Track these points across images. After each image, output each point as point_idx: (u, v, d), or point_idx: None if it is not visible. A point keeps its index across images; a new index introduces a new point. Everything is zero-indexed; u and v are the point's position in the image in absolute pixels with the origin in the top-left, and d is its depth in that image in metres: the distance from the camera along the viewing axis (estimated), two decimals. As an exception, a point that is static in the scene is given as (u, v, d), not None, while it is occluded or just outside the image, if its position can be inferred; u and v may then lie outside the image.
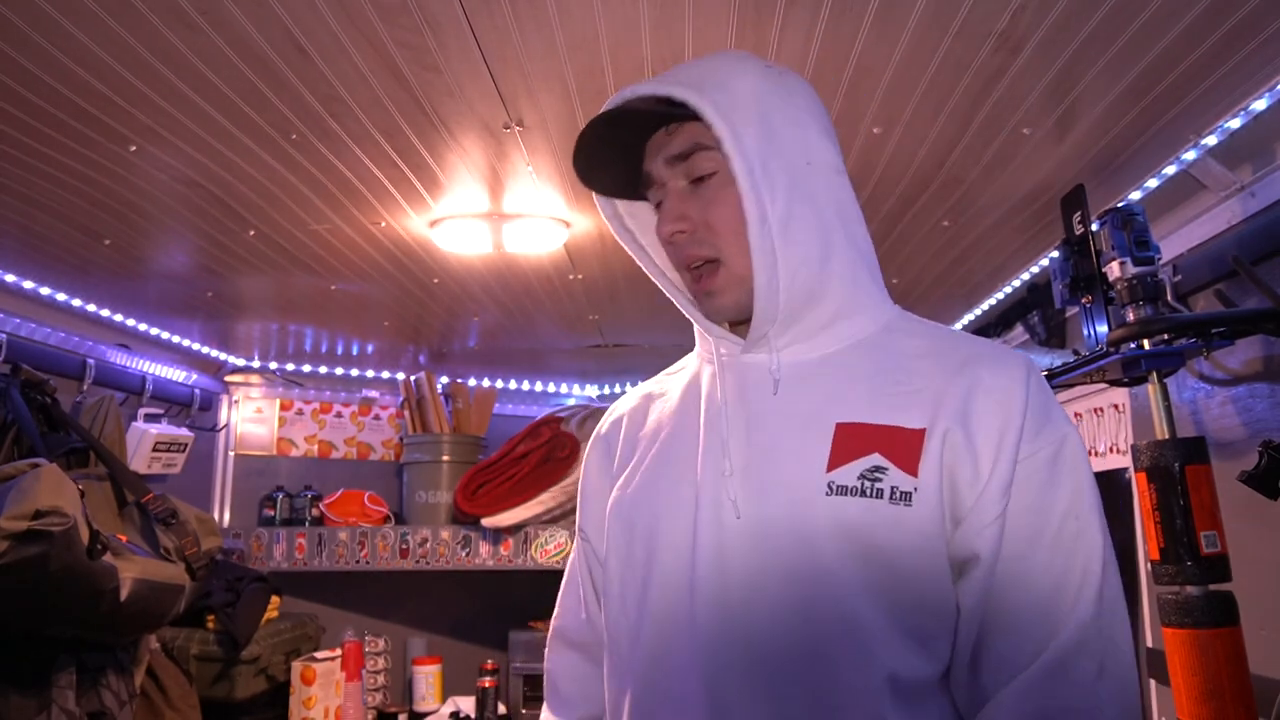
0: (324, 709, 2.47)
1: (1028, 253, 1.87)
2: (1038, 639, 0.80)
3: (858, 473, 0.82)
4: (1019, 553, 0.81)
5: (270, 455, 3.02)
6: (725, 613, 0.83)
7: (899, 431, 0.84)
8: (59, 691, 1.52)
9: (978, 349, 0.90)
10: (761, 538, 0.84)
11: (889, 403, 0.86)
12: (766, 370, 0.92)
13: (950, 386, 0.85)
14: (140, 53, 1.07)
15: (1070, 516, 0.82)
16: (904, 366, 0.88)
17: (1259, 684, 1.20)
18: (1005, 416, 0.83)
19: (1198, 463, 1.22)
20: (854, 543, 0.81)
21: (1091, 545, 0.82)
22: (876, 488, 0.81)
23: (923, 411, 0.85)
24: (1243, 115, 1.23)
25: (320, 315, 2.39)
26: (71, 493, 1.42)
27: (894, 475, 0.82)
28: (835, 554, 0.81)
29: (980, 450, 0.82)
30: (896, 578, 0.81)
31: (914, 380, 0.87)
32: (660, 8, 1.01)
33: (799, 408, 0.88)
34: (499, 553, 2.69)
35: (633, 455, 1.00)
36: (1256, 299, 1.30)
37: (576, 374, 3.40)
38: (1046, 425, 0.84)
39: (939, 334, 0.94)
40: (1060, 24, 1.03)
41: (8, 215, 1.56)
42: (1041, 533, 0.82)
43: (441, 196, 1.57)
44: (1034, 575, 0.81)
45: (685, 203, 0.92)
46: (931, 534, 0.82)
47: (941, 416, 0.84)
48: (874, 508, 0.81)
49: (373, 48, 1.08)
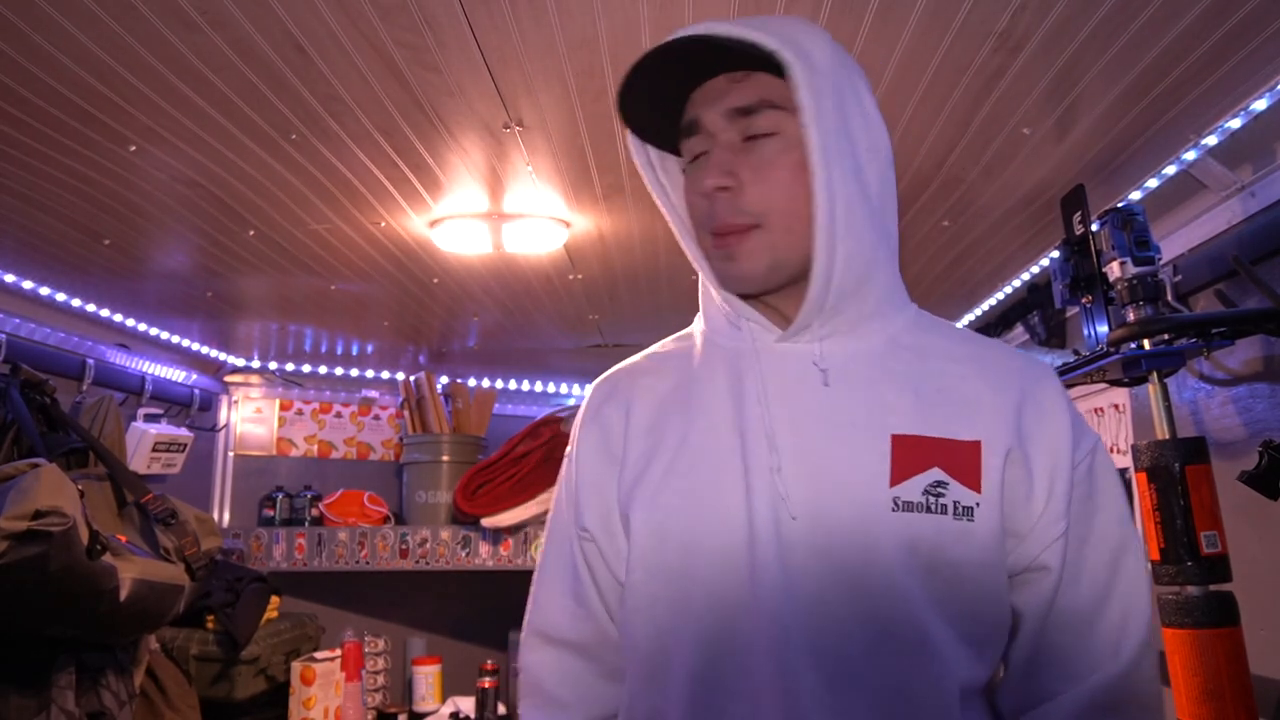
0: (324, 709, 2.46)
1: (1028, 253, 1.87)
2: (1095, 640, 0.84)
3: (921, 488, 0.81)
4: (1072, 558, 0.85)
5: (270, 455, 3.02)
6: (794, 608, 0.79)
7: (956, 445, 0.83)
8: (59, 691, 1.52)
9: (1013, 360, 0.91)
10: (824, 540, 0.80)
11: (940, 413, 0.85)
12: (808, 362, 0.87)
13: (997, 399, 0.86)
14: (140, 53, 1.07)
15: (1113, 522, 0.86)
16: (945, 371, 0.87)
17: (1259, 684, 1.20)
18: (1057, 433, 0.85)
19: (1198, 463, 1.22)
20: (922, 557, 0.80)
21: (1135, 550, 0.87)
22: (940, 503, 0.81)
23: (974, 423, 0.84)
24: (1243, 115, 1.23)
25: (320, 315, 2.39)
26: (71, 493, 1.42)
27: (956, 490, 0.82)
28: (904, 568, 0.80)
29: (1037, 467, 0.84)
30: (961, 591, 0.81)
31: (959, 388, 0.86)
32: (660, 8, 1.01)
33: (848, 409, 0.85)
34: (499, 553, 2.69)
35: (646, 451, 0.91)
36: (1256, 299, 1.30)
37: (576, 374, 3.40)
38: (1084, 435, 0.87)
39: (967, 339, 0.94)
40: (1060, 24, 1.03)
41: (8, 215, 1.56)
42: (1088, 537, 0.85)
43: (441, 196, 1.57)
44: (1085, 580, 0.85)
45: (736, 158, 0.85)
46: (993, 547, 0.82)
47: (998, 431, 0.84)
48: (940, 523, 0.81)
49: (372, 47, 1.08)
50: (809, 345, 0.88)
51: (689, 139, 0.88)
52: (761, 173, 0.84)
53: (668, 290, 2.17)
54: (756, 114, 0.84)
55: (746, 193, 0.84)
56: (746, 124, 0.85)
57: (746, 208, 0.84)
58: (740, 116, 0.85)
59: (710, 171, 0.85)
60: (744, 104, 0.84)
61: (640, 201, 1.60)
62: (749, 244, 0.85)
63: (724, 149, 0.85)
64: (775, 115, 0.84)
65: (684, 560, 0.85)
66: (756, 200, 0.84)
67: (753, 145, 0.85)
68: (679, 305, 2.31)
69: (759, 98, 0.84)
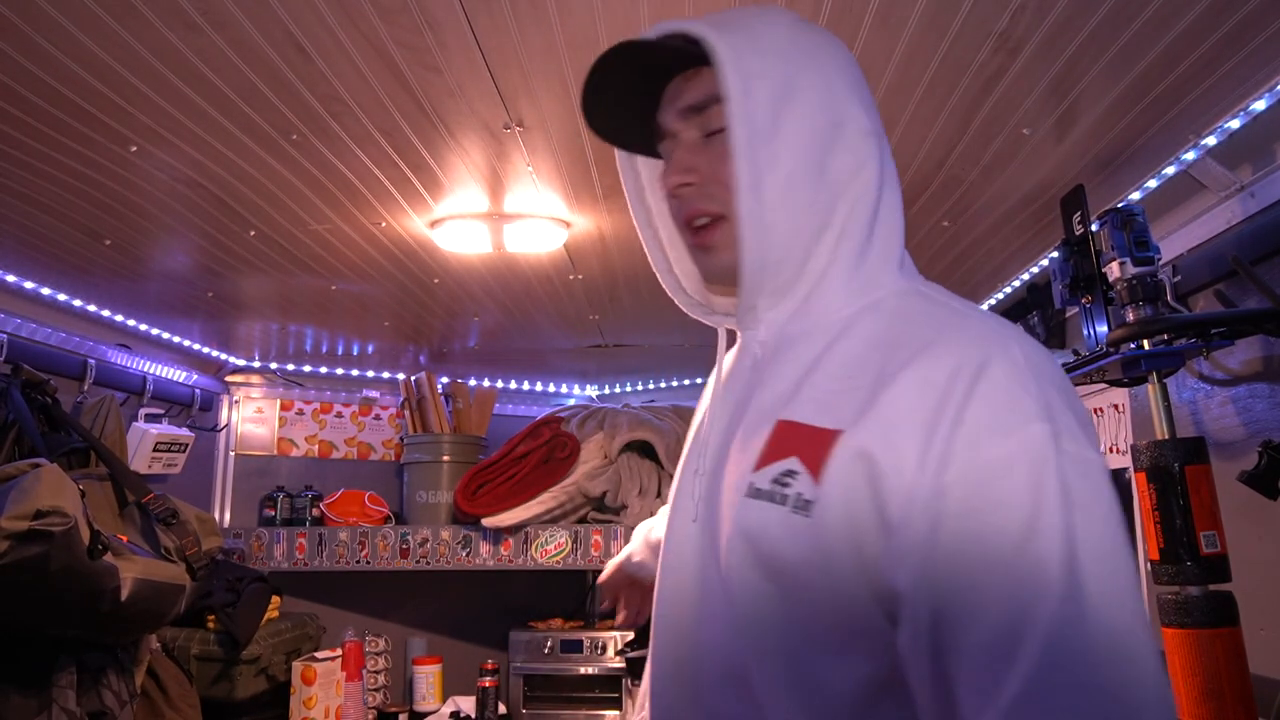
0: (324, 709, 2.47)
1: (1028, 253, 1.87)
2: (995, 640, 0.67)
3: (773, 475, 0.75)
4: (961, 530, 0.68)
5: (270, 455, 3.03)
6: (675, 604, 0.84)
7: (817, 432, 0.74)
8: (59, 691, 1.52)
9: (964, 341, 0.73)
10: (704, 537, 0.82)
11: (828, 400, 0.76)
12: (751, 346, 0.88)
13: (892, 379, 0.73)
14: (141, 53, 1.07)
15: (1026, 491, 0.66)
16: (862, 355, 0.77)
17: (1259, 684, 1.20)
18: (932, 411, 0.69)
19: (1197, 463, 1.22)
20: (758, 548, 0.75)
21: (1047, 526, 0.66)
22: (783, 493, 0.74)
23: (847, 410, 0.73)
24: (1243, 115, 1.24)
25: (320, 315, 2.39)
26: (72, 493, 1.42)
27: (802, 481, 0.73)
28: (744, 558, 0.76)
29: (904, 455, 0.69)
30: (801, 585, 0.73)
31: (863, 372, 0.76)
32: (660, 8, 1.01)
33: (758, 397, 0.83)
34: (499, 553, 2.69)
35: None
36: (1256, 299, 1.30)
37: (576, 374, 3.40)
38: (997, 436, 0.67)
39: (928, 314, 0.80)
40: (1060, 24, 1.03)
41: (8, 215, 1.56)
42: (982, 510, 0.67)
43: (442, 197, 1.57)
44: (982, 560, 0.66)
45: (696, 155, 0.86)
46: (831, 544, 0.71)
47: (866, 418, 0.72)
48: (779, 515, 0.74)
49: (373, 48, 1.08)
50: (752, 330, 0.88)
51: (661, 143, 0.90)
52: (720, 165, 0.83)
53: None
54: (708, 109, 0.84)
55: (708, 187, 0.85)
56: (703, 120, 0.85)
57: (711, 199, 0.85)
58: (694, 115, 0.85)
59: (671, 171, 0.87)
60: (693, 102, 0.85)
61: (640, 201, 1.60)
62: (718, 235, 0.85)
63: (684, 147, 0.87)
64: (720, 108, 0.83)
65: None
66: (717, 191, 0.84)
67: (712, 140, 0.85)
68: (679, 305, 2.31)
69: (706, 93, 0.84)
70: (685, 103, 0.86)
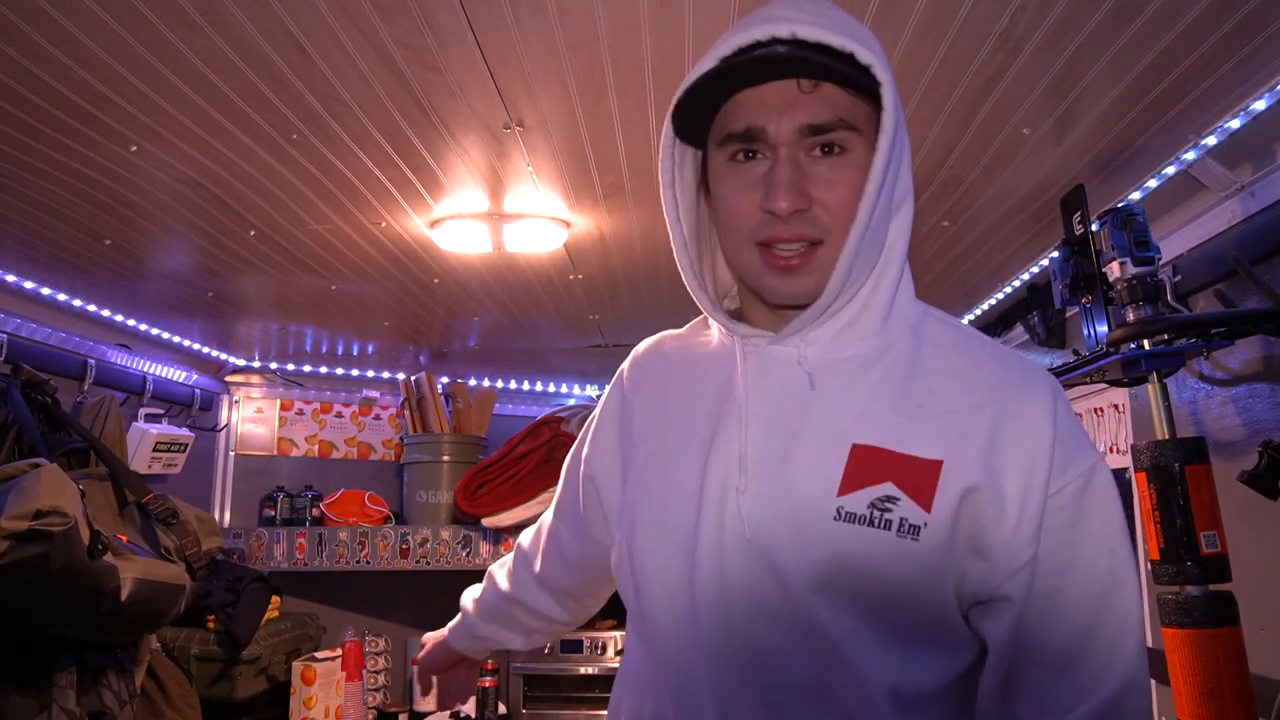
0: (324, 709, 2.47)
1: (1028, 253, 1.87)
2: (1079, 674, 0.79)
3: (868, 500, 0.79)
4: (1052, 587, 0.80)
5: (270, 455, 3.03)
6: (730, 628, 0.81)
7: (915, 461, 0.80)
8: (59, 691, 1.52)
9: (1003, 371, 0.85)
10: (767, 556, 0.81)
11: (909, 427, 0.82)
12: (793, 365, 0.86)
13: (974, 416, 0.81)
14: (140, 53, 1.07)
15: (1103, 551, 0.81)
16: (928, 385, 0.84)
17: (1259, 684, 1.20)
18: (1033, 455, 0.80)
19: (1198, 463, 1.22)
20: (852, 571, 0.79)
21: (1127, 582, 0.81)
22: (885, 518, 0.78)
23: (941, 441, 0.80)
24: (1243, 115, 1.23)
25: (320, 315, 2.39)
26: (72, 493, 1.42)
27: (906, 506, 0.78)
28: (830, 579, 0.79)
29: (1008, 490, 0.79)
30: (893, 605, 0.80)
31: (939, 401, 0.83)
32: (660, 8, 1.01)
33: (819, 416, 0.84)
34: (499, 553, 2.69)
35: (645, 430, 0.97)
36: (1256, 299, 1.30)
37: (576, 374, 3.40)
38: (1074, 459, 0.81)
39: (965, 345, 0.88)
40: (1060, 24, 1.03)
41: (8, 215, 1.56)
42: (1073, 568, 0.80)
43: (442, 197, 1.57)
44: (1068, 610, 0.80)
45: (803, 177, 0.81)
46: (936, 567, 0.79)
47: (965, 451, 0.80)
48: (879, 539, 0.78)
49: (373, 48, 1.08)
50: (796, 349, 0.87)
51: (740, 142, 0.84)
52: (830, 190, 0.82)
53: (668, 290, 2.17)
54: (830, 132, 0.81)
55: (814, 212, 0.82)
56: (814, 140, 0.82)
57: (815, 225, 0.82)
58: (811, 135, 0.81)
59: (783, 193, 0.80)
60: (820, 122, 0.81)
61: (640, 201, 1.60)
62: (814, 260, 0.83)
63: (793, 166, 0.82)
64: (843, 134, 0.81)
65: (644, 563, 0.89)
66: (824, 218, 0.82)
67: (819, 160, 0.82)
68: (679, 305, 2.30)
69: (835, 116, 0.81)
70: (808, 120, 0.81)
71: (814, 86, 0.81)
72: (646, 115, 1.26)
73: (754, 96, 0.82)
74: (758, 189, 0.83)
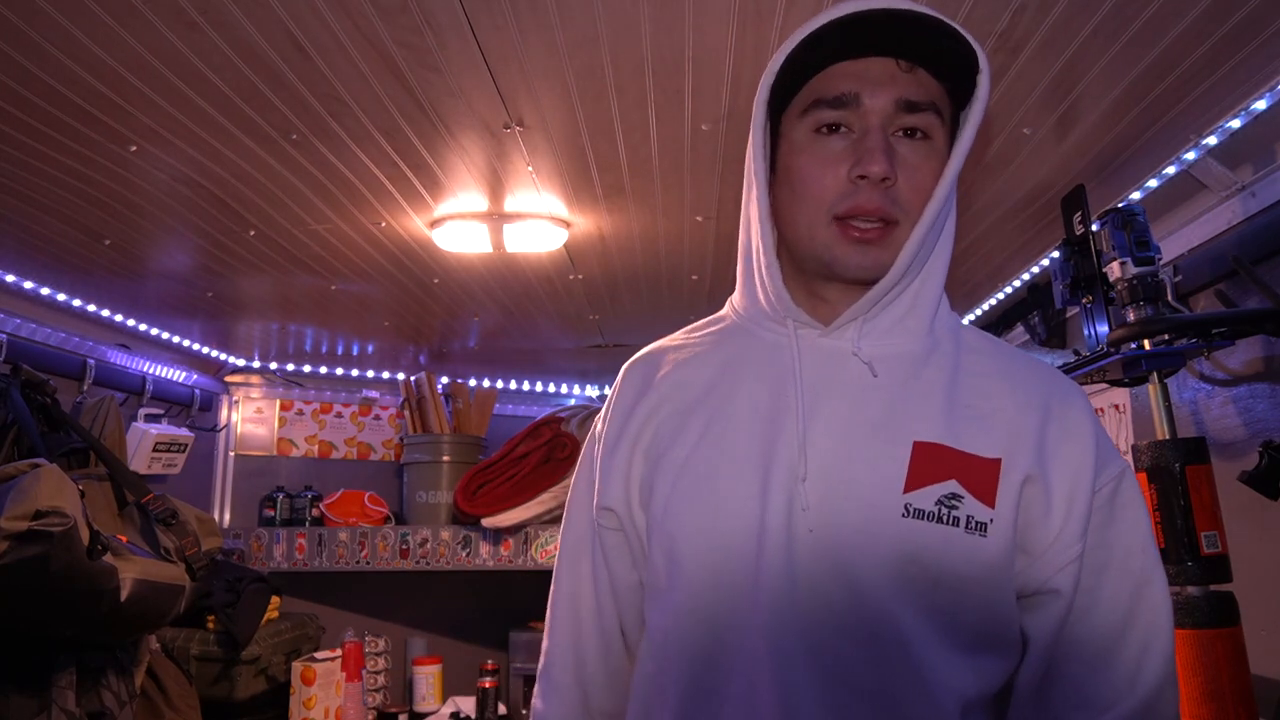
0: (324, 709, 2.46)
1: (1028, 253, 1.87)
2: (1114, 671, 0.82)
3: (935, 498, 0.80)
4: (1088, 585, 0.83)
5: (270, 455, 3.02)
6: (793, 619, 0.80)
7: (976, 460, 0.82)
8: (59, 691, 1.52)
9: (1044, 376, 0.90)
10: (832, 550, 0.80)
11: (965, 425, 0.84)
12: (847, 358, 0.87)
13: (1022, 417, 0.85)
14: (140, 53, 1.07)
15: (1135, 550, 0.84)
16: (975, 386, 0.87)
17: (1259, 684, 1.20)
18: (1080, 455, 0.84)
19: (1198, 463, 1.23)
20: (923, 566, 0.79)
21: (1158, 580, 0.85)
22: (954, 515, 0.80)
23: (997, 440, 0.83)
24: (1243, 115, 1.23)
25: (320, 315, 2.39)
26: (72, 493, 1.42)
27: (970, 504, 0.80)
28: (902, 575, 0.79)
29: (1055, 488, 0.83)
30: (961, 602, 0.80)
31: (986, 402, 0.86)
32: (660, 8, 1.01)
33: (879, 412, 0.84)
34: (499, 553, 2.69)
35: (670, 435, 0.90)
36: (1257, 299, 1.30)
37: (576, 374, 3.40)
38: (1110, 460, 0.86)
39: (1002, 352, 0.92)
40: (1060, 24, 1.03)
41: (8, 215, 1.56)
42: (1108, 566, 0.84)
43: (442, 196, 1.57)
44: (1103, 607, 0.83)
45: (893, 152, 0.83)
46: (1002, 565, 0.81)
47: (1019, 449, 0.83)
48: (949, 535, 0.80)
49: (373, 48, 1.08)
50: (851, 341, 0.87)
51: (832, 110, 0.84)
52: (912, 173, 0.83)
53: (668, 290, 2.17)
54: (922, 113, 0.83)
55: (900, 188, 0.83)
56: (906, 119, 0.83)
57: (898, 203, 0.83)
58: (907, 112, 0.83)
59: (880, 157, 0.81)
60: (918, 99, 0.83)
61: (640, 202, 1.60)
62: (890, 237, 0.84)
63: (886, 137, 0.83)
64: (932, 118, 0.84)
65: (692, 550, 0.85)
66: (904, 198, 0.83)
67: (905, 142, 0.84)
68: (679, 305, 2.31)
69: (929, 97, 0.83)
70: (908, 95, 0.83)
71: (911, 68, 0.83)
72: (646, 115, 1.26)
73: (852, 67, 0.84)
74: (843, 161, 0.83)
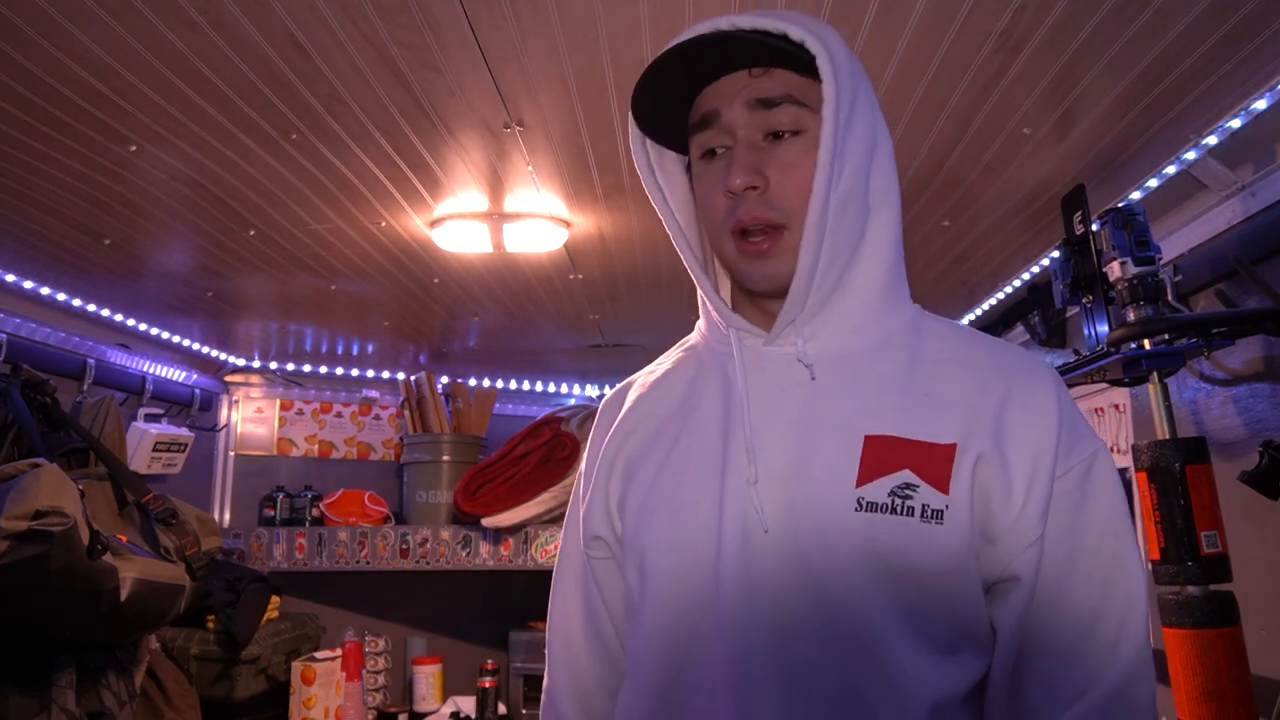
0: (324, 709, 2.47)
1: (1028, 253, 1.87)
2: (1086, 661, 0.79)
3: (888, 489, 0.79)
4: (1058, 574, 0.80)
5: (270, 455, 3.02)
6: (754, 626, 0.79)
7: (930, 447, 0.80)
8: (59, 691, 1.52)
9: (1007, 358, 0.87)
10: (791, 553, 0.80)
11: (922, 414, 0.82)
12: (792, 364, 0.86)
13: (982, 399, 0.83)
14: (141, 53, 1.07)
15: (1108, 535, 0.81)
16: (933, 373, 0.85)
17: (1259, 684, 1.20)
18: (1040, 435, 0.81)
19: (1198, 463, 1.22)
20: (883, 560, 0.78)
21: (1131, 565, 0.81)
22: (908, 505, 0.78)
23: (953, 425, 0.81)
24: (1243, 115, 1.23)
25: (320, 315, 2.39)
26: (72, 493, 1.42)
27: (925, 492, 0.79)
28: (862, 570, 0.78)
29: (1015, 470, 0.80)
30: (927, 596, 0.79)
31: (943, 389, 0.84)
32: (660, 7, 1.01)
33: (826, 411, 0.84)
34: (499, 553, 2.69)
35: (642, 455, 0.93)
36: (1257, 299, 1.30)
37: (576, 374, 3.40)
38: (1078, 441, 0.83)
39: (965, 337, 0.90)
40: (1060, 24, 1.03)
41: (8, 215, 1.56)
42: (1079, 552, 0.81)
43: (442, 196, 1.57)
44: (1075, 595, 0.80)
45: (760, 157, 0.83)
46: (962, 551, 0.79)
47: (975, 432, 0.81)
48: (905, 525, 0.78)
49: (373, 48, 1.08)
50: (794, 347, 0.87)
51: (703, 132, 0.87)
52: (787, 173, 0.83)
53: (668, 290, 2.17)
54: (779, 107, 0.83)
55: (773, 192, 0.83)
56: (767, 118, 0.84)
57: (776, 206, 0.83)
58: (762, 109, 0.84)
59: (737, 170, 0.83)
60: (767, 96, 0.83)
61: (640, 201, 1.60)
62: (779, 244, 0.84)
63: (747, 147, 0.84)
64: (797, 111, 0.83)
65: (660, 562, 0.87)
66: (783, 200, 0.83)
67: (776, 144, 0.84)
68: (679, 305, 2.31)
69: (783, 91, 0.83)
70: (756, 94, 0.83)
71: (764, 71, 0.84)
72: (646, 115, 1.26)
73: (710, 89, 0.86)
74: (721, 180, 0.85)
